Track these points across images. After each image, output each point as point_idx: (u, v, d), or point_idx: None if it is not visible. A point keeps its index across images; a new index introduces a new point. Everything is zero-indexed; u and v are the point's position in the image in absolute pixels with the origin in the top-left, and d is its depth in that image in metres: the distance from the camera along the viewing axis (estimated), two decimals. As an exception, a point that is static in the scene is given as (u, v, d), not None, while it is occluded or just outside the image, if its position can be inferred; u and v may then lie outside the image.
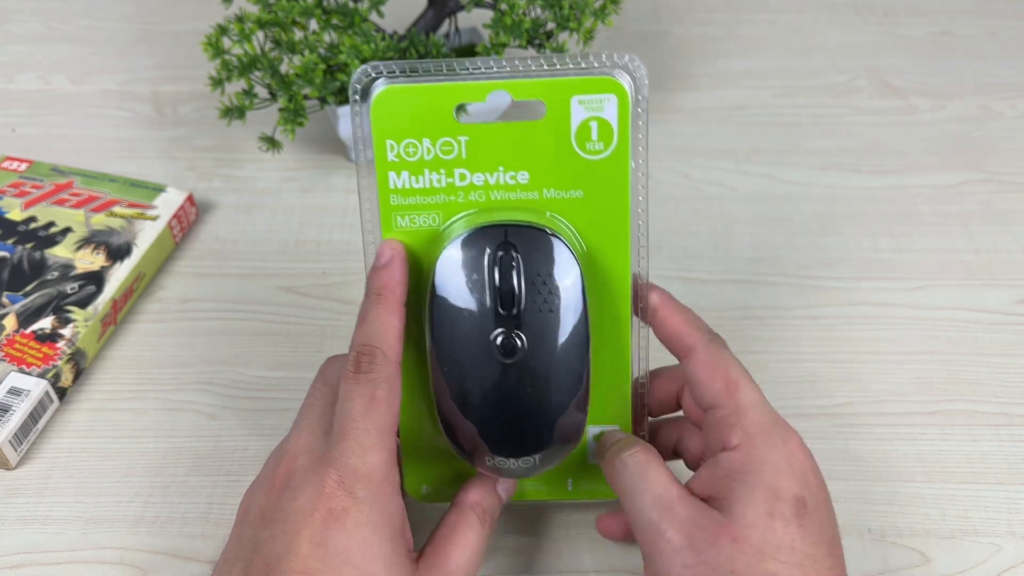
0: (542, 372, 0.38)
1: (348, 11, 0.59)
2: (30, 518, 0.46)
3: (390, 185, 0.39)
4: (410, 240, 0.40)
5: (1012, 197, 0.64)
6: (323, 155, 0.67)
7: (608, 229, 0.39)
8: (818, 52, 0.77)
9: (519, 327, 0.38)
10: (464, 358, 0.38)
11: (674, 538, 0.35)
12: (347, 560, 0.34)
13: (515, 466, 0.39)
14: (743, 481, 0.35)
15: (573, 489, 0.43)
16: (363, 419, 0.35)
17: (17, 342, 0.51)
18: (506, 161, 0.38)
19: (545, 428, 0.39)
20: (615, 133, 0.38)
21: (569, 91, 0.37)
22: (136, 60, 0.75)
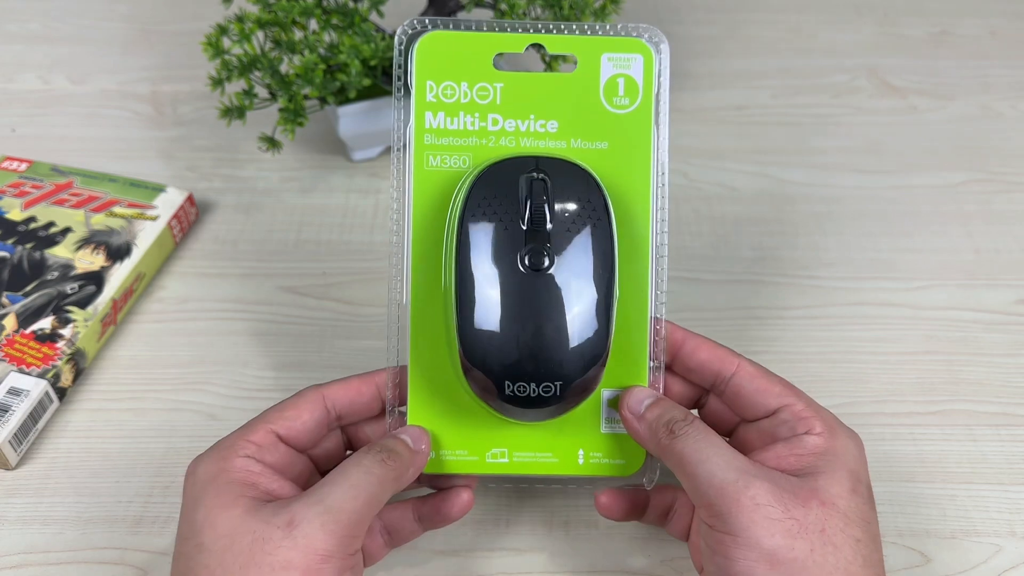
0: (568, 290, 0.38)
1: (348, 11, 0.58)
2: (30, 518, 0.46)
3: (425, 124, 0.40)
4: (439, 180, 0.41)
5: (1012, 197, 0.64)
6: (323, 155, 0.67)
7: (630, 180, 0.41)
8: (818, 52, 0.77)
9: (547, 244, 0.38)
10: (492, 274, 0.38)
11: (759, 494, 0.35)
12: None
13: (534, 393, 0.38)
14: (828, 461, 0.37)
15: (585, 462, 0.42)
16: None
17: (17, 342, 0.51)
18: (537, 109, 0.41)
19: (569, 352, 0.38)
20: (640, 90, 0.41)
21: (600, 48, 0.40)
22: (136, 60, 0.75)
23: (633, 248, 0.41)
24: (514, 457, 0.41)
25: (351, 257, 0.59)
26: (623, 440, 0.42)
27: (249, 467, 0.37)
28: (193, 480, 0.37)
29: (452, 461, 0.41)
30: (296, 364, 0.53)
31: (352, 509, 0.35)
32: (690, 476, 0.37)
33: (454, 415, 0.41)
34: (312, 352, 0.54)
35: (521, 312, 0.38)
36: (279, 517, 0.35)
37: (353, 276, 0.58)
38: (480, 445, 0.41)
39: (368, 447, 0.38)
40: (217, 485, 0.36)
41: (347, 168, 0.66)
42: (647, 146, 0.41)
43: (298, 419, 0.39)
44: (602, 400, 0.42)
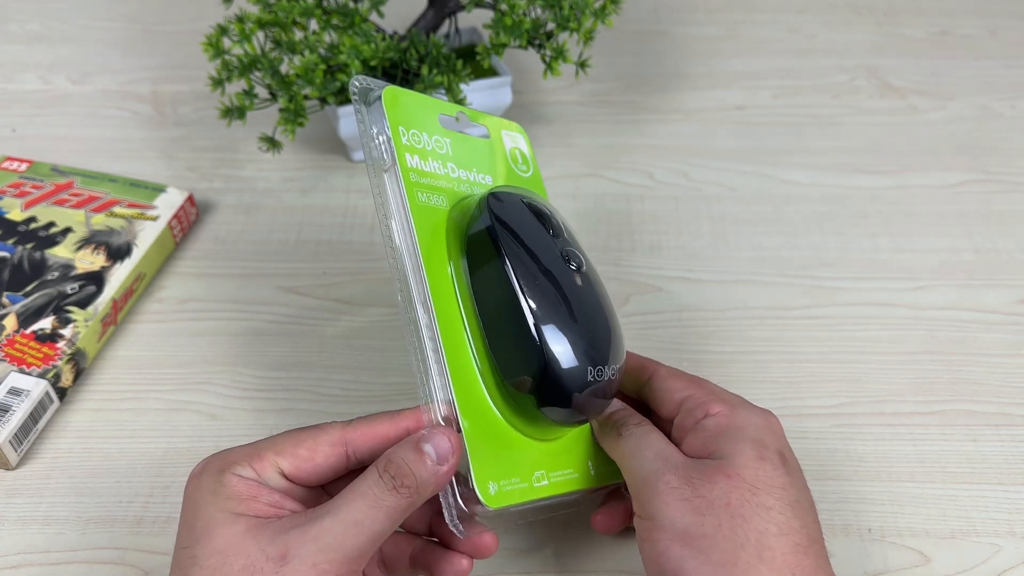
0: (598, 285, 0.42)
1: (348, 11, 0.59)
2: (30, 518, 0.46)
3: (408, 164, 0.42)
4: (431, 215, 0.42)
5: (1012, 197, 0.64)
6: (323, 155, 0.67)
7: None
8: (818, 52, 0.77)
9: (570, 246, 0.42)
10: (546, 277, 0.40)
11: (672, 479, 0.37)
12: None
13: (610, 376, 0.40)
14: (730, 436, 0.38)
15: (595, 472, 0.43)
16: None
17: (17, 342, 0.51)
18: (477, 165, 0.46)
19: (619, 337, 0.42)
20: (530, 161, 0.48)
21: (500, 126, 0.48)
22: (136, 60, 0.75)
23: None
24: (551, 478, 0.41)
25: (351, 257, 0.59)
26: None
27: (249, 490, 0.35)
28: (196, 486, 0.36)
29: (511, 491, 0.39)
30: (296, 364, 0.53)
31: (352, 547, 0.33)
32: (627, 471, 0.39)
33: (501, 444, 0.40)
34: (312, 352, 0.54)
35: (582, 305, 0.41)
36: (274, 547, 0.33)
37: (353, 276, 0.58)
38: (526, 470, 0.40)
39: (381, 467, 0.35)
40: (218, 498, 0.35)
41: (347, 168, 0.66)
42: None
43: (310, 461, 0.37)
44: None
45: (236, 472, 0.36)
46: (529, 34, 0.59)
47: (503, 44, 0.58)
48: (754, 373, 0.53)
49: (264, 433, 0.49)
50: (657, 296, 0.57)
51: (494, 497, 0.38)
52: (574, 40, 0.60)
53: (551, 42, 0.60)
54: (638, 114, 0.71)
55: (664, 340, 0.54)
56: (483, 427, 0.39)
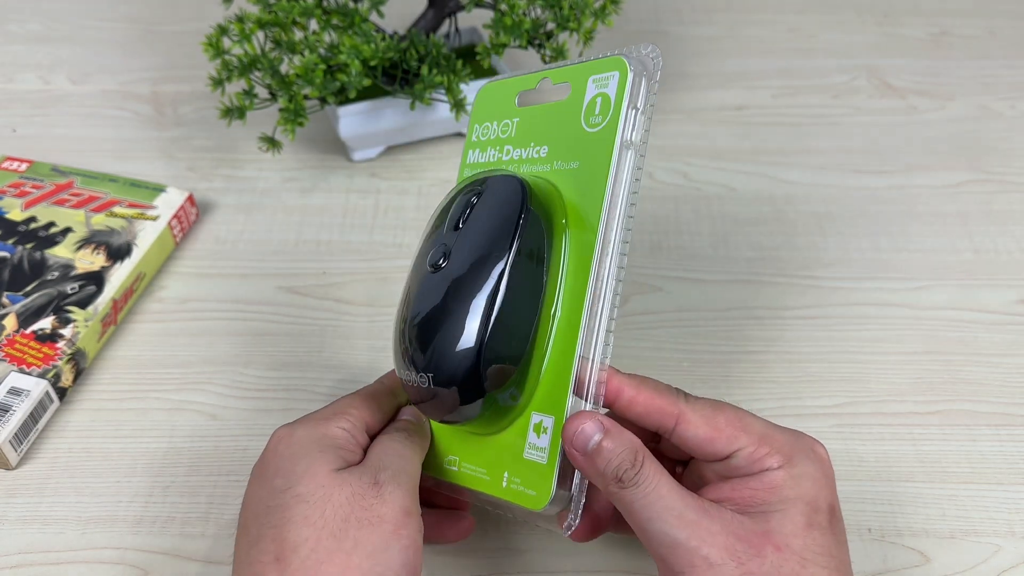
0: (451, 286, 0.39)
1: (348, 11, 0.59)
2: (30, 518, 0.46)
3: (467, 160, 0.45)
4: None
5: (1012, 197, 0.64)
6: (323, 155, 0.67)
7: (589, 198, 0.39)
8: (818, 52, 0.77)
9: (449, 246, 0.40)
10: (411, 274, 0.41)
11: (712, 553, 0.34)
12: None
13: (415, 384, 0.39)
14: (785, 495, 0.36)
15: (507, 486, 0.39)
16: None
17: (17, 342, 0.51)
18: (536, 137, 0.43)
19: (439, 343, 0.38)
20: (612, 106, 0.40)
21: (588, 72, 0.41)
22: (136, 60, 0.75)
23: (578, 270, 0.39)
24: (463, 467, 0.41)
25: (351, 257, 0.59)
26: (537, 470, 0.38)
27: (347, 437, 0.40)
28: (291, 440, 0.39)
29: (434, 463, 0.43)
30: (296, 364, 0.53)
31: (408, 472, 0.39)
32: (640, 531, 0.36)
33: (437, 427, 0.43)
34: (312, 352, 0.54)
35: (412, 306, 0.40)
36: (366, 477, 0.37)
37: (353, 276, 0.58)
38: (441, 449, 0.43)
39: (390, 429, 0.42)
40: (321, 445, 0.38)
41: (347, 168, 0.66)
42: (606, 165, 0.39)
43: (379, 411, 0.42)
44: (530, 423, 0.39)
45: (334, 425, 0.40)
46: (529, 34, 0.59)
47: (503, 44, 0.58)
48: (754, 373, 0.53)
49: (264, 433, 0.50)
50: (657, 296, 0.57)
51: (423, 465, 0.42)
52: (574, 40, 0.60)
53: (551, 42, 0.60)
54: (638, 114, 0.71)
55: (664, 340, 0.54)
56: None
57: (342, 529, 0.35)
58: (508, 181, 0.40)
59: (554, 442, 0.38)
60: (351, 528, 0.36)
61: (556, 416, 0.38)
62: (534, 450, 0.39)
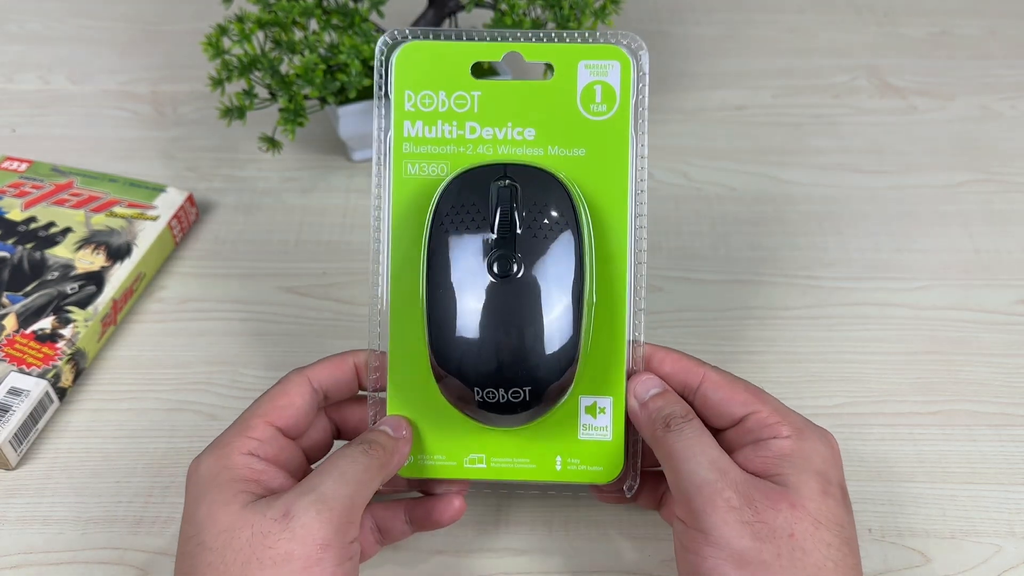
0: (535, 296, 0.38)
1: (348, 11, 0.59)
2: (30, 518, 0.46)
3: (404, 133, 0.41)
4: (417, 187, 0.41)
5: (1012, 197, 0.64)
6: (323, 155, 0.67)
7: (607, 186, 0.41)
8: (818, 52, 0.77)
9: (515, 251, 0.38)
10: (459, 279, 0.38)
11: (733, 497, 0.36)
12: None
13: (504, 399, 0.38)
14: (796, 463, 0.37)
15: (562, 469, 0.42)
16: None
17: (17, 342, 0.51)
18: (514, 117, 0.41)
19: (536, 357, 0.38)
20: (617, 96, 0.41)
21: (577, 56, 0.40)
22: (136, 60, 0.75)
23: (609, 255, 0.41)
24: (492, 463, 0.42)
25: (351, 257, 0.59)
26: (601, 447, 0.42)
27: (251, 464, 0.37)
28: (196, 478, 0.37)
29: (430, 466, 0.42)
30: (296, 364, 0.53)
31: (344, 496, 0.36)
32: (674, 471, 0.38)
33: (432, 420, 0.41)
34: (312, 352, 0.53)
35: (488, 319, 0.38)
36: (274, 509, 0.35)
37: (353, 276, 0.58)
38: (458, 450, 0.42)
39: (351, 442, 0.39)
40: (219, 483, 0.36)
41: (347, 168, 0.66)
42: (624, 153, 0.41)
43: (291, 406, 0.40)
44: (579, 407, 0.41)
45: (237, 453, 0.38)
46: (529, 34, 0.59)
47: (503, 44, 0.58)
48: (754, 373, 0.53)
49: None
50: (657, 296, 0.57)
51: (406, 468, 0.42)
52: (574, 40, 0.60)
53: (551, 42, 0.60)
54: (638, 114, 0.71)
55: (664, 340, 0.54)
56: (413, 399, 0.41)
57: (243, 575, 0.34)
58: (543, 174, 0.40)
59: (616, 419, 0.41)
60: (252, 572, 0.34)
61: (615, 396, 0.41)
62: (593, 430, 0.42)
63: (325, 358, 0.42)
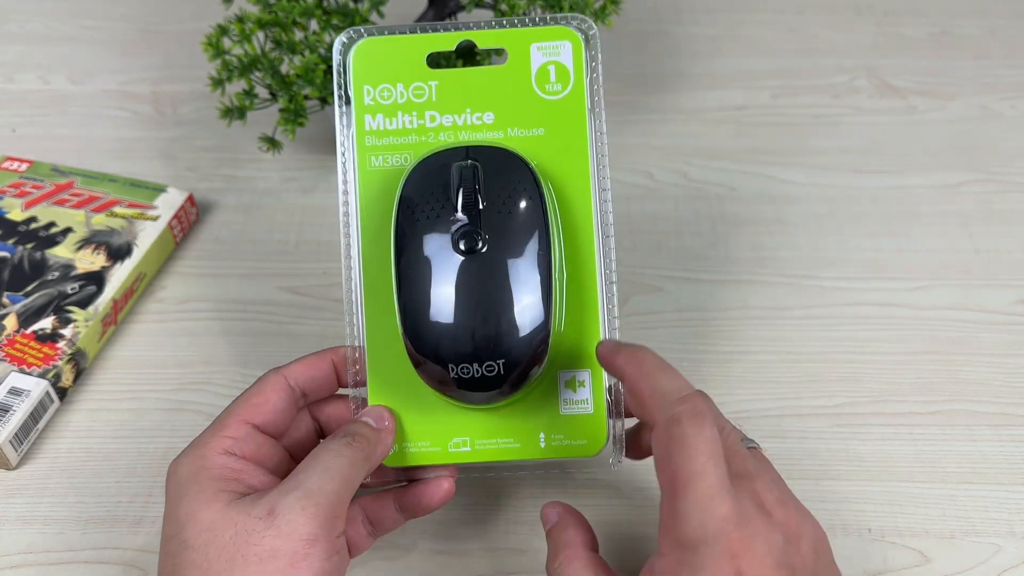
0: (502, 269, 0.39)
1: (348, 11, 0.59)
2: (30, 518, 0.46)
3: (365, 127, 0.42)
4: (382, 178, 0.42)
5: (1012, 197, 0.64)
6: (323, 155, 0.67)
7: (568, 162, 0.42)
8: (818, 52, 0.77)
9: (479, 226, 0.39)
10: (426, 260, 0.39)
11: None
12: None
13: (479, 374, 0.38)
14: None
15: (546, 445, 0.42)
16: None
17: (18, 342, 0.51)
18: (472, 103, 0.42)
19: (507, 330, 0.39)
20: (571, 75, 0.42)
21: (529, 39, 0.42)
22: (136, 60, 0.75)
23: (575, 228, 0.42)
24: (476, 445, 0.42)
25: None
26: (584, 421, 0.42)
27: (228, 463, 0.37)
28: (175, 480, 0.37)
29: (415, 453, 0.42)
30: (296, 364, 0.53)
31: (329, 490, 0.36)
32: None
33: (414, 407, 0.42)
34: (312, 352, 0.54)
35: (458, 295, 0.39)
36: (258, 507, 0.35)
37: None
38: (442, 435, 0.42)
39: (334, 434, 0.39)
40: (199, 482, 0.36)
41: (347, 168, 0.66)
42: (583, 129, 0.42)
43: (267, 403, 0.40)
44: (559, 382, 0.42)
45: (214, 453, 0.38)
46: (529, 34, 0.59)
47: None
48: (754, 373, 0.53)
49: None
50: (657, 296, 0.57)
51: (392, 457, 0.41)
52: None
53: (551, 42, 0.59)
54: (638, 114, 0.71)
55: (664, 340, 0.54)
56: (394, 389, 0.42)
57: (228, 572, 0.34)
58: (504, 152, 0.41)
59: (596, 391, 0.42)
60: (237, 569, 0.34)
61: (593, 368, 0.41)
62: (573, 404, 0.42)
63: (302, 357, 0.42)
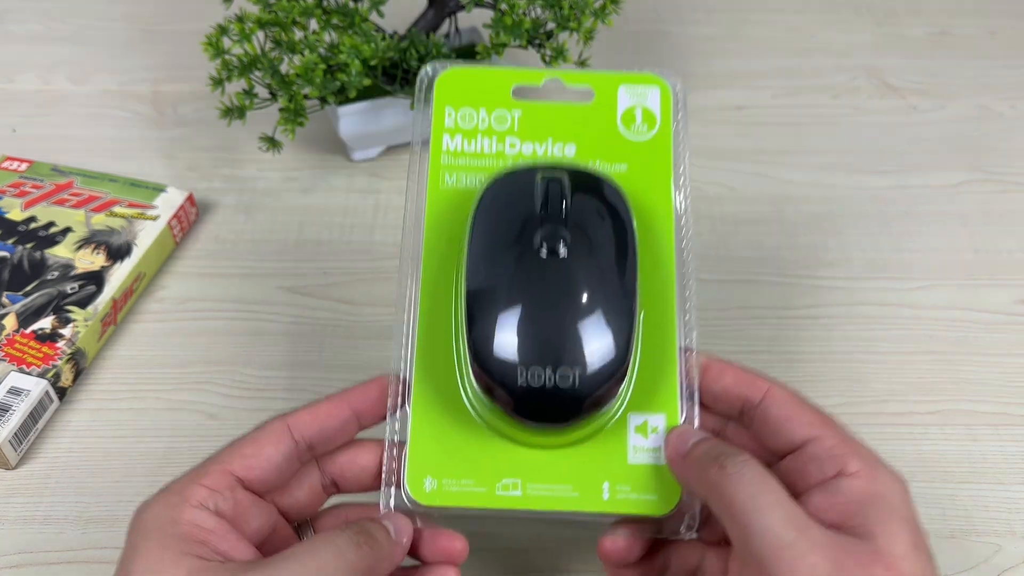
0: (587, 278, 0.37)
1: (348, 11, 0.59)
2: (30, 518, 0.46)
3: (443, 147, 0.42)
4: (453, 197, 0.41)
5: (1012, 197, 0.64)
6: (323, 155, 0.67)
7: (651, 198, 0.42)
8: (818, 52, 0.77)
9: (565, 232, 0.37)
10: (504, 260, 0.37)
11: (819, 563, 0.30)
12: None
13: (551, 381, 0.35)
14: (878, 509, 0.32)
15: (610, 497, 0.37)
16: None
17: (17, 342, 0.51)
18: (555, 134, 0.42)
19: (588, 337, 0.36)
20: (658, 119, 0.43)
21: (617, 81, 0.43)
22: (136, 60, 0.75)
23: (657, 268, 0.40)
24: (528, 490, 0.37)
25: (351, 257, 0.59)
26: (656, 473, 0.37)
27: (199, 520, 0.32)
28: (139, 526, 0.33)
29: (456, 493, 0.36)
30: (296, 364, 0.53)
31: None
32: (741, 525, 0.32)
33: (461, 438, 0.37)
34: (312, 352, 0.54)
35: (537, 295, 0.36)
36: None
37: (353, 276, 0.58)
38: (490, 474, 0.37)
39: (344, 527, 0.33)
40: (163, 538, 0.31)
41: (347, 168, 0.66)
42: (667, 169, 0.42)
43: (259, 455, 0.35)
44: (628, 426, 0.38)
45: (188, 504, 0.33)
46: (529, 34, 0.59)
47: (503, 44, 0.58)
48: (754, 373, 0.53)
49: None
50: (657, 296, 0.57)
51: (429, 494, 0.36)
52: (574, 40, 0.60)
53: (551, 42, 0.59)
54: (638, 114, 0.71)
55: (664, 340, 0.54)
56: (440, 414, 0.38)
57: None
58: (595, 176, 0.40)
59: None
60: None
61: (667, 412, 0.38)
62: (643, 452, 0.37)
63: (316, 402, 0.37)
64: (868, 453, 0.34)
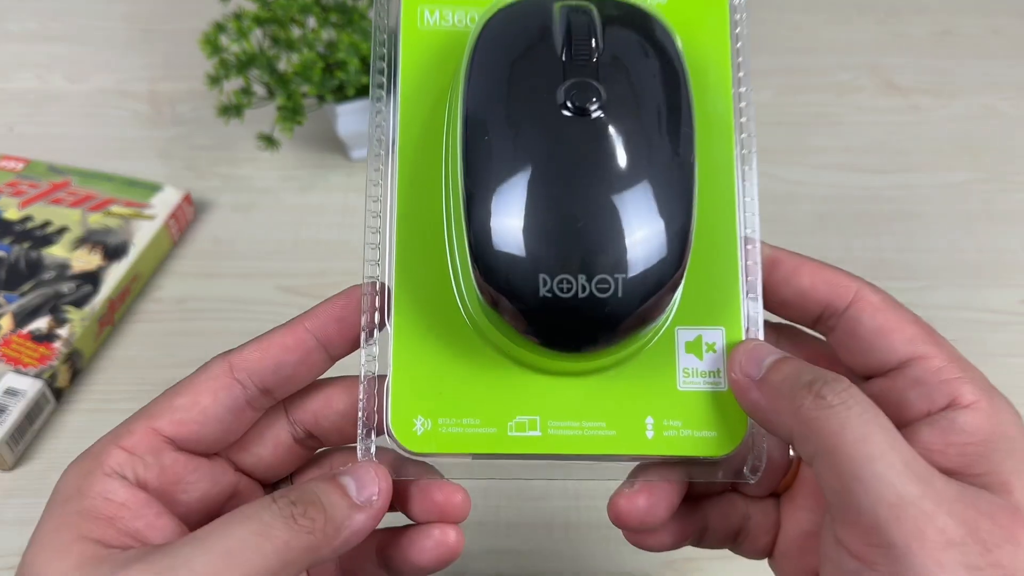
0: (630, 141, 0.27)
1: (346, 8, 0.58)
2: (27, 519, 0.45)
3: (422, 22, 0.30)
4: (437, 41, 0.30)
5: (1015, 196, 0.63)
6: (321, 154, 0.66)
7: (701, 37, 0.32)
8: (821, 51, 0.76)
9: (597, 79, 0.27)
10: (517, 118, 0.27)
11: (949, 526, 0.23)
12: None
13: (584, 291, 0.26)
14: (1006, 453, 0.25)
15: (655, 436, 0.28)
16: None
17: (13, 342, 0.51)
18: None
19: (635, 227, 0.26)
20: None
21: None
22: (133, 59, 0.75)
23: (710, 131, 0.31)
24: (549, 429, 0.28)
25: (350, 257, 0.59)
26: (714, 402, 0.29)
27: (109, 492, 0.26)
28: (52, 495, 0.27)
29: (458, 435, 0.28)
30: (294, 364, 0.53)
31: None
32: (844, 474, 0.24)
33: (461, 367, 0.28)
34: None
35: (562, 173, 0.26)
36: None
37: (353, 276, 0.57)
38: (500, 411, 0.28)
39: (278, 494, 0.25)
40: (64, 515, 0.26)
41: (346, 167, 0.65)
42: (724, 22, 0.33)
43: (194, 407, 0.28)
44: (677, 343, 0.29)
45: (101, 471, 0.27)
46: None
47: None
48: (756, 373, 0.52)
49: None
50: (658, 296, 0.57)
51: (421, 438, 0.28)
52: None
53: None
54: (639, 113, 0.70)
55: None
56: (431, 335, 0.29)
57: None
58: (634, 7, 0.29)
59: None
60: None
61: (728, 326, 0.29)
62: (697, 377, 0.29)
63: (265, 334, 0.29)
64: (983, 378, 0.27)
